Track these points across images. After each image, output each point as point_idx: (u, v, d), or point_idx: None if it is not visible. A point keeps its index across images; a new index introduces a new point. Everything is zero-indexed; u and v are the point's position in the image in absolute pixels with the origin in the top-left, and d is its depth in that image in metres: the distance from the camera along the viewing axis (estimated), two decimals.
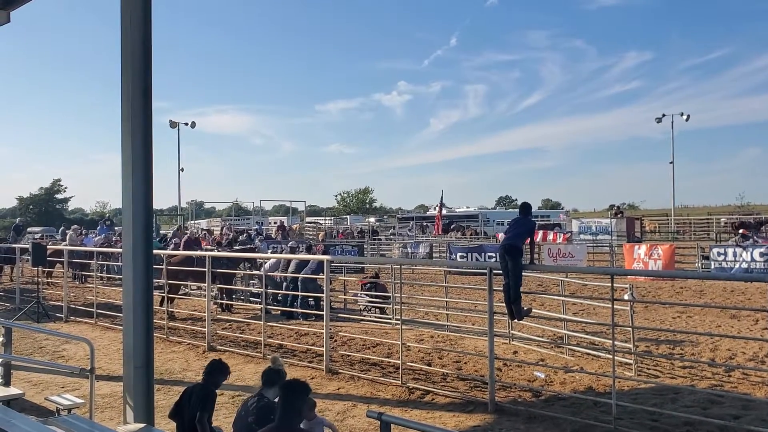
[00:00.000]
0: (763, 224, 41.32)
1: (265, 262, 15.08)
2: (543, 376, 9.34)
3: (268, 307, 13.93)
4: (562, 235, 35.97)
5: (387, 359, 10.23)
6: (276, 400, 4.77)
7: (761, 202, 75.90)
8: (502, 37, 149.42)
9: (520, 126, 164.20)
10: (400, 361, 9.25)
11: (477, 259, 24.76)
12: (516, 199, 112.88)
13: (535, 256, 9.34)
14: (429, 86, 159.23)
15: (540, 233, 33.11)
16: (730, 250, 22.50)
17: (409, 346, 10.60)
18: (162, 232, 35.14)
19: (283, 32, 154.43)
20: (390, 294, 14.20)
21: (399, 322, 10.18)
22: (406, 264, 19.80)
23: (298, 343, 11.74)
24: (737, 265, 21.74)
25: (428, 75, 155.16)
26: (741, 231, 28.40)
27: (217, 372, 5.67)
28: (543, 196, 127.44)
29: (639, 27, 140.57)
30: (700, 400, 8.02)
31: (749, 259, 21.62)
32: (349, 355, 10.68)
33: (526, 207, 8.58)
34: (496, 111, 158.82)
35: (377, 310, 14.89)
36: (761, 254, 21.59)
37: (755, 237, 28.74)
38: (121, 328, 6.97)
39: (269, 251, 22.33)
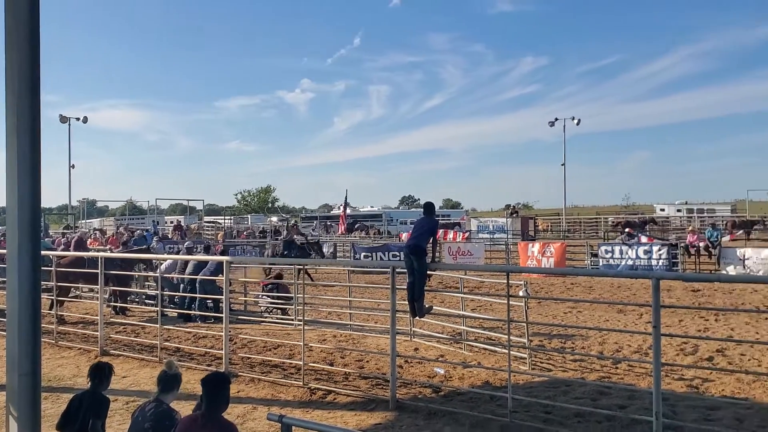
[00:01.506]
0: (647, 223, 43.93)
1: (161, 263, 14.58)
2: (442, 372, 9.53)
3: (165, 309, 13.47)
4: (461, 234, 36.88)
5: (289, 360, 10.14)
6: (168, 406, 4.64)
7: (646, 203, 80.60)
8: (404, 39, 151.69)
9: (423, 127, 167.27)
10: (302, 362, 9.19)
11: (381, 259, 24.97)
12: (419, 199, 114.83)
13: (437, 254, 9.52)
14: (333, 85, 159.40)
15: (441, 232, 33.79)
16: (617, 248, 23.79)
17: (311, 346, 10.55)
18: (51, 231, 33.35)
19: (177, 26, 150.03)
20: (292, 295, 14.08)
21: (301, 322, 10.11)
22: (308, 264, 19.69)
23: (196, 346, 11.44)
24: (623, 262, 23.01)
25: (332, 74, 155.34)
26: (627, 230, 30.07)
27: (103, 375, 5.44)
28: (444, 195, 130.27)
29: (536, 33, 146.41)
30: (590, 392, 8.42)
31: (634, 256, 22.93)
32: (249, 358, 10.50)
33: (429, 207, 8.71)
34: (400, 112, 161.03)
35: (279, 311, 14.74)
36: (645, 252, 22.96)
37: (640, 235, 30.51)
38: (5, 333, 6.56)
39: (165, 252, 21.64)
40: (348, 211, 48.17)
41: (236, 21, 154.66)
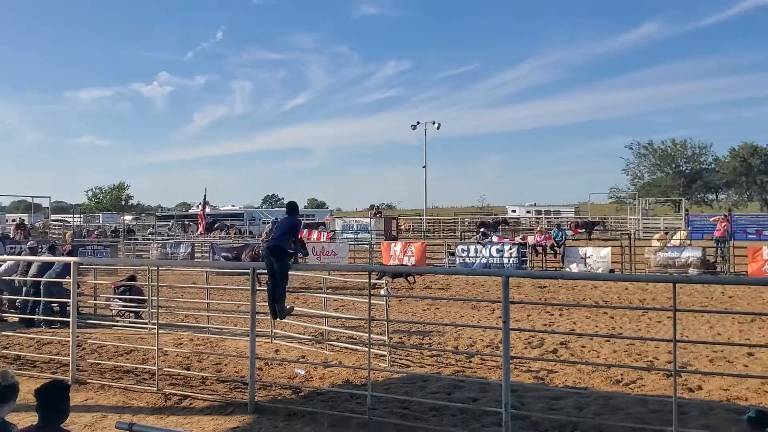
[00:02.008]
0: (500, 224, 46.21)
1: (0, 265, 13.49)
2: (303, 373, 9.51)
3: (4, 314, 12.51)
4: (326, 233, 37.01)
5: (142, 366, 9.70)
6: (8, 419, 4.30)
7: (499, 204, 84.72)
8: (269, 36, 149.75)
9: (287, 125, 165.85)
10: (156, 367, 8.82)
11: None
12: (282, 198, 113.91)
13: (300, 255, 9.47)
14: (193, 79, 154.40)
15: (305, 232, 33.71)
16: (472, 247, 24.85)
17: (166, 351, 10.16)
18: None
19: (24, 11, 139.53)
20: (147, 297, 13.49)
21: (156, 326, 9.71)
22: (164, 265, 18.96)
23: (40, 353, 10.68)
24: (478, 260, 24.08)
25: (192, 67, 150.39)
26: (482, 230, 31.47)
27: None
28: (309, 195, 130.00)
29: (399, 37, 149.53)
30: (445, 386, 8.73)
31: (488, 254, 24.05)
32: (99, 364, 9.93)
33: (292, 206, 8.65)
34: (263, 109, 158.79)
35: (132, 314, 14.07)
36: (497, 250, 24.15)
37: (493, 235, 32.04)
38: None
39: (6, 253, 20.04)
40: (207, 209, 46.85)
41: (87, 10, 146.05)
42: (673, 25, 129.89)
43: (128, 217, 65.39)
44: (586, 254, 23.36)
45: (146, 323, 13.08)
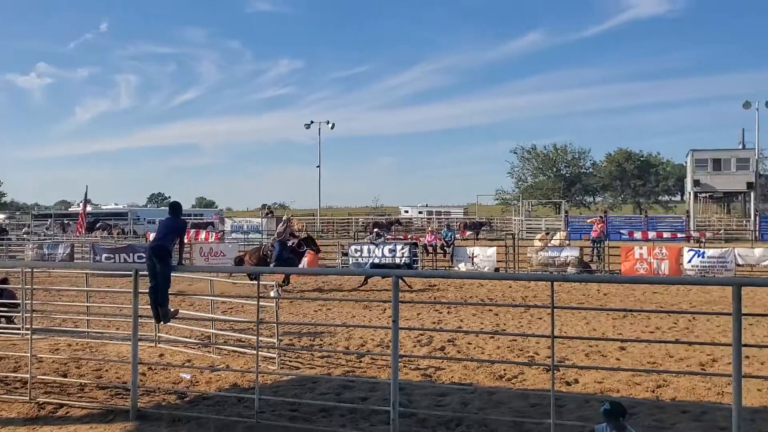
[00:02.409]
0: (393, 224, 46.85)
1: None
2: (189, 377, 9.25)
3: None
4: (214, 234, 36.12)
5: (13, 374, 9.11)
6: None
7: (392, 205, 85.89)
8: (157, 29, 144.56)
9: (176, 121, 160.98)
10: (29, 375, 8.31)
11: (126, 260, 23.52)
12: (169, 197, 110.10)
13: (185, 256, 9.21)
14: (75, 71, 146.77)
15: (192, 232, 32.78)
16: (365, 247, 25.01)
17: (41, 357, 9.60)
18: None
19: None
20: (19, 301, 12.67)
21: (29, 331, 9.14)
22: (40, 267, 17.89)
23: None
24: (371, 260, 24.26)
25: (74, 59, 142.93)
26: (375, 230, 31.75)
27: None
28: (198, 194, 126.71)
29: (292, 35, 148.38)
30: (335, 387, 8.75)
31: (380, 254, 24.29)
32: None
33: (175, 207, 8.37)
34: (150, 104, 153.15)
35: (3, 320, 13.16)
36: (390, 250, 24.44)
37: (386, 235, 32.43)
38: None
39: None
40: (89, 208, 44.62)
41: None
42: (555, 35, 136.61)
43: (1, 216, 61.23)
44: (473, 254, 24.07)
45: (19, 328, 12.28)
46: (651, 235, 34.76)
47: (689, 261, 22.20)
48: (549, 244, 25.47)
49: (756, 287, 16.56)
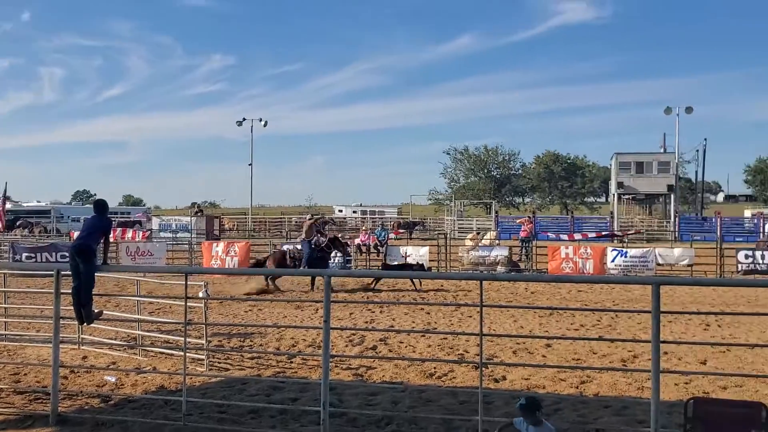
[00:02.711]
0: (326, 223, 46.66)
1: None
2: (114, 380, 8.98)
3: None
4: (141, 232, 35.19)
5: None
6: None
7: (326, 204, 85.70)
8: (83, 21, 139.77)
9: (102, 116, 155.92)
10: None
11: (48, 260, 22.62)
12: (95, 194, 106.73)
13: (109, 255, 8.94)
14: None
15: (118, 231, 31.86)
16: (298, 246, 24.80)
17: None
18: None
19: None
20: None
21: None
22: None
23: None
24: (304, 260, 24.08)
25: None
26: None
27: None
28: (125, 191, 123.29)
29: (224, 31, 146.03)
30: (265, 388, 8.66)
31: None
32: None
33: (100, 205, 8.13)
34: (76, 98, 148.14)
35: None
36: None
37: (321, 235, 32.23)
38: None
39: None
40: (8, 205, 42.74)
41: None
42: (488, 38, 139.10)
43: None
44: (406, 253, 24.24)
45: None
46: (577, 236, 35.80)
47: (612, 260, 22.99)
48: (480, 244, 25.93)
49: (674, 286, 17.30)
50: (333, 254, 20.74)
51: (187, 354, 7.78)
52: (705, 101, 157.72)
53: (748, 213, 57.12)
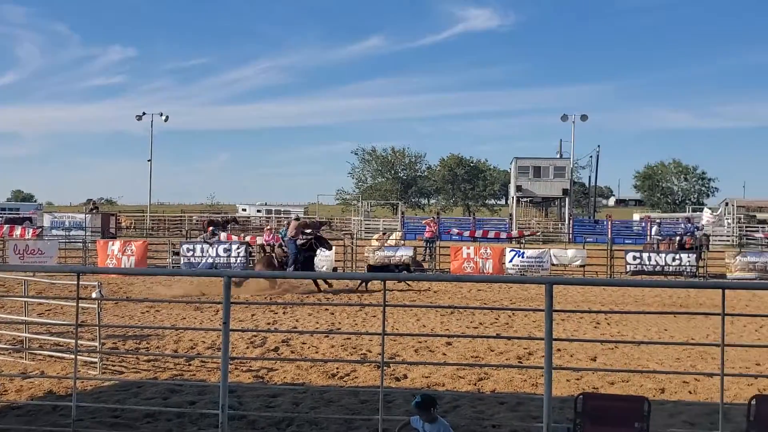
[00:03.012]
0: (229, 222, 45.79)
1: None
2: None
3: None
4: (31, 230, 33.29)
5: None
6: None
7: (229, 202, 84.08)
8: None
9: None
10: None
11: None
12: None
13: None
14: None
15: (6, 228, 30.08)
16: (198, 246, 24.23)
17: None
18: None
19: None
20: None
21: None
22: None
23: None
24: (204, 260, 23.58)
25: None
26: (210, 228, 30.87)
27: None
28: (15, 186, 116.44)
29: (124, 21, 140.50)
30: (162, 391, 8.40)
31: (215, 254, 23.67)
32: None
33: None
34: None
35: None
36: (225, 250, 23.89)
37: (221, 234, 31.61)
38: None
39: None
40: None
41: None
42: (396, 41, 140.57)
43: None
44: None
45: None
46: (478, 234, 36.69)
47: (510, 260, 23.75)
48: (386, 244, 26.15)
49: (567, 285, 18.07)
50: (318, 251, 20.58)
51: (79, 357, 7.44)
52: (599, 109, 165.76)
53: (636, 216, 60.29)
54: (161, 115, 58.72)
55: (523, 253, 24.43)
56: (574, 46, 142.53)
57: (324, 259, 23.74)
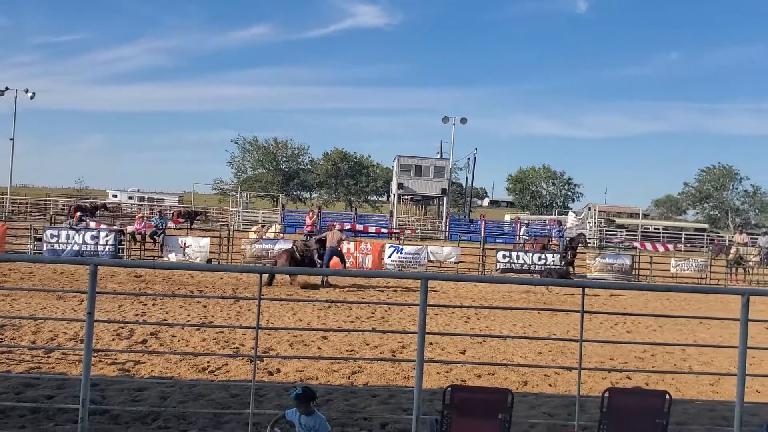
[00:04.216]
0: (98, 209, 43.52)
1: None
2: None
3: None
4: None
5: None
6: None
7: (99, 188, 79.93)
8: None
9: None
10: None
11: None
12: None
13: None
14: None
15: None
16: (63, 232, 22.87)
17: None
18: None
19: None
20: None
21: None
22: None
23: None
24: (69, 247, 22.29)
25: None
26: (77, 214, 29.22)
27: None
28: None
29: None
30: (15, 385, 7.86)
31: (81, 241, 22.43)
32: None
33: None
34: None
35: None
36: (92, 237, 22.69)
37: (89, 220, 30.03)
38: None
39: None
40: None
41: None
42: (283, 31, 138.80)
43: None
44: (185, 244, 23.40)
45: None
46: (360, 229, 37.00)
47: (389, 256, 24.14)
48: (264, 237, 25.79)
49: (442, 281, 18.60)
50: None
51: None
52: (478, 114, 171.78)
53: (508, 217, 63.03)
54: (27, 91, 54.84)
55: (402, 249, 24.89)
56: (457, 51, 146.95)
57: (198, 250, 23.12)
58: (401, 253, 24.40)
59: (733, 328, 9.68)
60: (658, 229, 61.99)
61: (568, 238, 28.88)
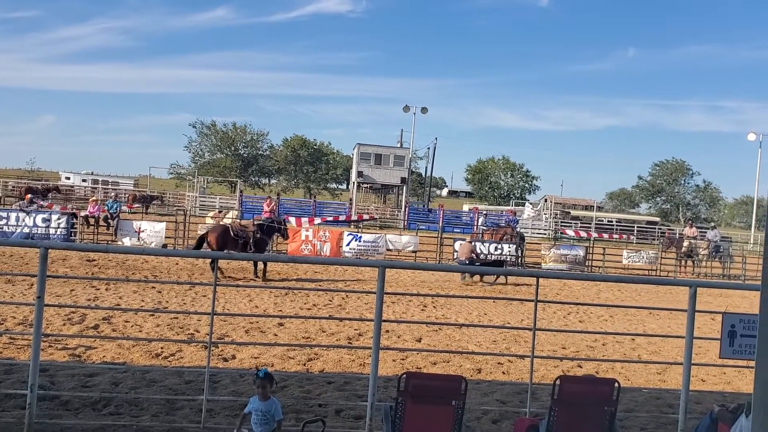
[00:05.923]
0: (50, 191, 42.51)
1: None
2: None
3: None
4: None
5: None
6: None
7: (51, 169, 77.95)
8: None
9: None
10: None
11: None
12: None
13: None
14: None
15: None
16: (13, 215, 22.27)
17: None
18: None
19: None
20: None
21: None
22: None
23: None
24: (19, 230, 21.72)
25: None
26: (28, 196, 28.49)
27: None
28: None
29: None
30: None
31: (32, 224, 21.88)
32: None
33: None
34: None
35: None
36: (43, 220, 22.15)
37: (41, 203, 29.32)
38: None
39: None
40: None
41: None
42: (244, 15, 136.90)
43: None
44: (140, 228, 23.02)
45: None
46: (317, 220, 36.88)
47: (348, 244, 24.14)
48: (221, 222, 25.50)
49: (400, 269, 18.68)
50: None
51: None
52: (439, 104, 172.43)
53: (466, 207, 63.49)
54: None
55: (360, 237, 24.91)
56: (420, 40, 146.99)
57: (153, 234, 22.78)
58: (360, 241, 24.42)
59: (681, 319, 9.97)
60: (612, 221, 63.32)
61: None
